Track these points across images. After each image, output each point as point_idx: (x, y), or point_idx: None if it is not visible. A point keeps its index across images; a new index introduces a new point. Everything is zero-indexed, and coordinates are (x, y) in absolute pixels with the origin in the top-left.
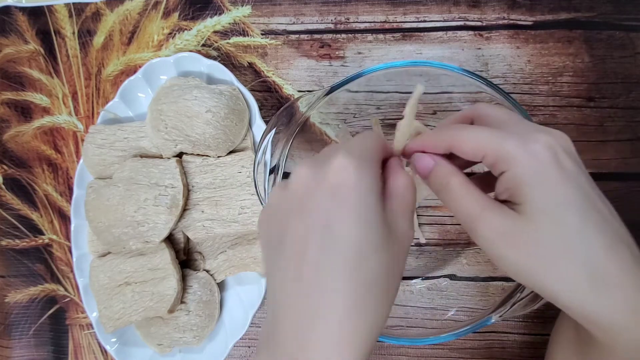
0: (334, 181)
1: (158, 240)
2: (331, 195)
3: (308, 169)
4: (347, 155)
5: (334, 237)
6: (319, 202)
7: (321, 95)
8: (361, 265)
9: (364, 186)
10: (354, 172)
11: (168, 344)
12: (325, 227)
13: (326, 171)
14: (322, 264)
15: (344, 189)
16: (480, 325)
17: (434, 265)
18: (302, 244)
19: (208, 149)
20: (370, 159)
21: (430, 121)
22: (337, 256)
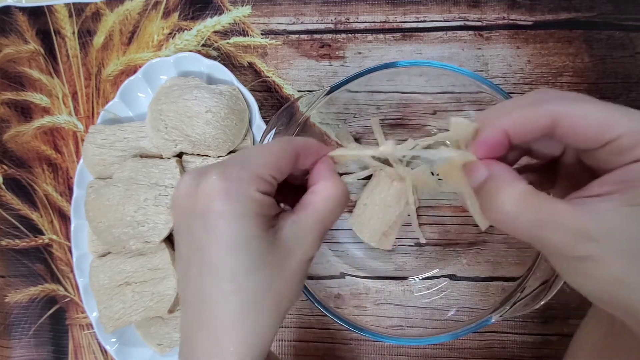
0: (202, 207)
1: (158, 240)
2: (201, 221)
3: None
4: (218, 178)
5: (208, 262)
6: (192, 226)
7: (321, 95)
8: (234, 289)
9: (233, 212)
10: (221, 199)
11: (168, 344)
12: (200, 252)
13: (198, 193)
14: (202, 285)
15: (212, 215)
16: (480, 325)
17: (434, 265)
18: (186, 261)
19: (208, 149)
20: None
21: (430, 121)
22: (211, 278)
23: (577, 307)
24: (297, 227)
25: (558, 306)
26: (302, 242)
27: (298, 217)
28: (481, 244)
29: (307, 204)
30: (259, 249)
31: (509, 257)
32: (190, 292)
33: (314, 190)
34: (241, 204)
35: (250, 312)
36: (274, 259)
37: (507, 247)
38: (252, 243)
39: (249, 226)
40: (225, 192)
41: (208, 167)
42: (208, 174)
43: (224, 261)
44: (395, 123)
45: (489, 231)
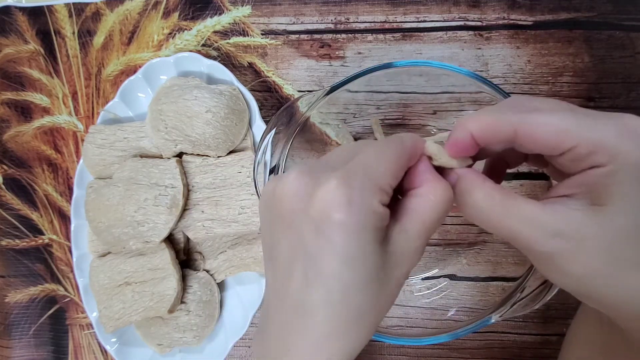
0: (318, 213)
1: (158, 240)
2: (315, 228)
3: (297, 180)
4: (341, 184)
5: (316, 270)
6: (302, 229)
7: (321, 95)
8: (344, 301)
9: (354, 224)
10: (342, 211)
11: (168, 344)
12: (309, 258)
13: (314, 196)
14: (306, 291)
15: (331, 224)
16: (480, 325)
17: (434, 265)
18: (288, 264)
19: (208, 149)
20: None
21: (430, 121)
22: (320, 288)
23: (577, 307)
24: (404, 237)
25: (558, 306)
26: (409, 254)
27: (404, 226)
28: (481, 244)
29: (413, 211)
30: (374, 264)
31: (509, 257)
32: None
33: (418, 194)
34: (363, 216)
35: (354, 325)
36: (384, 274)
37: (507, 247)
38: (369, 258)
39: (368, 241)
40: (348, 202)
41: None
42: (329, 179)
43: (338, 274)
44: (395, 123)
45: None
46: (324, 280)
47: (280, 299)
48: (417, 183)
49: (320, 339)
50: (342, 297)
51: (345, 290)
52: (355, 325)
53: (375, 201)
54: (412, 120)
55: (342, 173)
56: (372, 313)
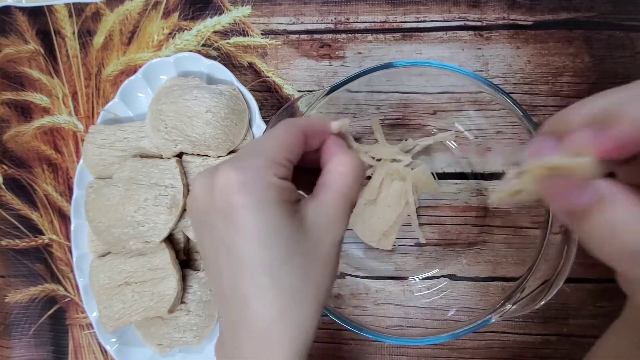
0: (221, 202)
1: (158, 240)
2: (223, 217)
3: (199, 182)
4: (234, 168)
5: (238, 258)
6: (214, 223)
7: (321, 95)
8: (271, 282)
9: (255, 202)
10: (239, 191)
11: (168, 344)
12: (228, 248)
13: (213, 188)
14: (236, 282)
15: (234, 209)
16: (480, 325)
17: (434, 265)
18: (215, 262)
19: (208, 149)
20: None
21: (430, 121)
22: (245, 275)
23: (577, 307)
24: (320, 210)
25: (558, 306)
26: (329, 225)
27: (319, 200)
28: (481, 244)
29: (325, 185)
30: (289, 237)
31: (509, 257)
32: (226, 292)
33: (328, 170)
34: (261, 192)
35: (290, 304)
36: (305, 246)
37: (507, 247)
38: (281, 232)
39: (273, 214)
40: (243, 182)
41: (220, 163)
42: (222, 169)
43: (255, 254)
44: (395, 123)
45: (488, 231)
46: (245, 265)
47: (220, 297)
48: (328, 159)
49: (262, 327)
50: (268, 277)
51: (268, 270)
52: (292, 305)
53: (269, 175)
54: (412, 120)
55: (233, 160)
56: (307, 287)
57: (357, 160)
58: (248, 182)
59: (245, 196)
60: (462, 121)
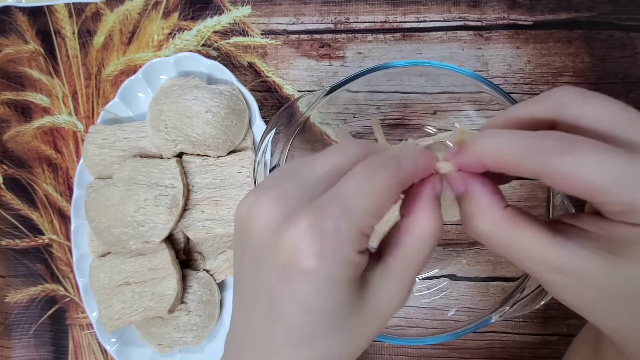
0: (285, 259)
1: (158, 240)
2: (282, 273)
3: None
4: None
5: (281, 317)
6: (268, 269)
7: (321, 95)
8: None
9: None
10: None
11: (168, 344)
12: (271, 301)
13: (283, 237)
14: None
15: (298, 273)
16: (480, 325)
17: (434, 265)
18: (250, 300)
19: (208, 149)
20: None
21: (430, 121)
22: (281, 330)
23: None
24: (387, 279)
25: (558, 306)
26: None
27: (388, 266)
28: (481, 244)
29: (397, 246)
30: (345, 313)
31: None
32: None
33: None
34: (335, 269)
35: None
36: (358, 319)
37: None
38: (338, 309)
39: (339, 293)
40: (319, 252)
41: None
42: (300, 217)
43: (302, 322)
44: (395, 123)
45: None
46: (286, 325)
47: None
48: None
49: None
50: (306, 345)
51: (307, 338)
52: None
53: (351, 251)
54: (412, 120)
55: (316, 210)
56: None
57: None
58: (325, 253)
59: (316, 268)
60: (462, 121)
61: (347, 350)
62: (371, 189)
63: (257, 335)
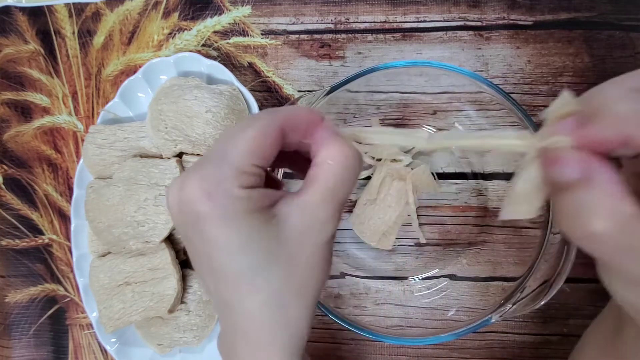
0: (189, 215)
1: (158, 240)
2: (193, 229)
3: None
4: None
5: (216, 269)
6: (189, 234)
7: (321, 95)
8: (252, 288)
9: (221, 215)
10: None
11: (168, 344)
12: (206, 258)
13: (181, 200)
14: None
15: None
16: (480, 325)
17: (434, 265)
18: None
19: (208, 149)
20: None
21: (430, 121)
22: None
23: (577, 307)
24: (305, 210)
25: (558, 306)
26: (314, 226)
27: (303, 198)
28: (481, 244)
29: (312, 180)
30: (264, 245)
31: (509, 257)
32: (214, 297)
33: (316, 163)
34: (227, 204)
35: (274, 309)
36: (284, 250)
37: (507, 247)
38: (253, 242)
39: (243, 226)
40: (207, 195)
41: (188, 169)
42: (188, 177)
43: (231, 265)
44: (395, 123)
45: (488, 231)
46: (223, 276)
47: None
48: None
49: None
50: (248, 285)
51: (247, 279)
52: (277, 309)
53: (234, 187)
54: (412, 120)
55: (198, 168)
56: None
57: (349, 151)
58: (212, 193)
59: (210, 208)
60: (462, 121)
61: (291, 283)
62: (242, 135)
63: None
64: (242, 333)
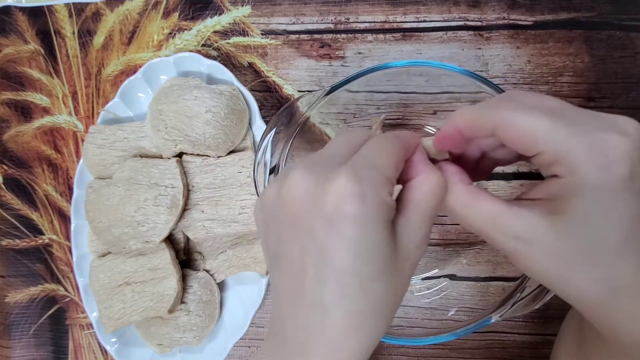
0: (331, 209)
1: (158, 240)
2: (327, 223)
3: (304, 179)
4: (351, 179)
5: (331, 266)
6: (313, 227)
7: (321, 95)
8: (360, 294)
9: (366, 217)
10: (356, 203)
11: (168, 344)
12: (322, 255)
13: (324, 193)
14: (321, 289)
15: (342, 219)
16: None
17: (434, 265)
18: (299, 265)
19: (208, 149)
20: (381, 178)
21: (430, 121)
22: (335, 284)
23: None
24: (409, 228)
25: (558, 306)
26: (415, 244)
27: (408, 218)
28: (481, 244)
29: (412, 202)
30: (387, 254)
31: None
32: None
33: (414, 186)
34: (376, 208)
35: (372, 317)
36: (395, 264)
37: None
38: (382, 249)
39: (380, 231)
40: (361, 195)
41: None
42: (339, 173)
43: (352, 266)
44: (395, 123)
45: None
46: (338, 274)
47: (294, 298)
48: (413, 174)
49: (339, 335)
50: (359, 289)
51: (361, 283)
52: (373, 318)
53: (384, 193)
54: (412, 120)
55: (351, 167)
56: (388, 304)
57: (441, 177)
58: (366, 195)
59: (359, 209)
60: None
61: (394, 294)
62: (387, 149)
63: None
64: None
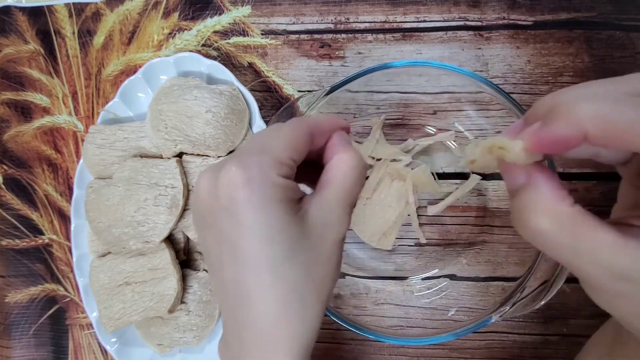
0: (225, 200)
1: (158, 240)
2: (226, 214)
3: (205, 177)
4: (238, 165)
5: (242, 255)
6: (218, 221)
7: (321, 95)
8: (274, 278)
9: (259, 200)
10: (244, 188)
11: (168, 344)
12: (232, 246)
13: (218, 185)
14: (240, 280)
15: (238, 206)
16: (480, 325)
17: (434, 265)
18: (218, 259)
19: (208, 149)
20: (270, 160)
21: (430, 121)
22: (248, 272)
23: (577, 307)
24: (323, 207)
25: (558, 306)
26: (332, 223)
27: (321, 197)
28: (481, 244)
29: (327, 182)
30: (292, 235)
31: (509, 257)
32: (229, 290)
33: (331, 166)
34: (265, 190)
35: (294, 302)
36: (308, 244)
37: (507, 247)
38: (285, 229)
39: (277, 213)
40: (247, 180)
41: (224, 160)
42: (226, 166)
43: (258, 251)
44: (395, 123)
45: (488, 231)
46: (249, 262)
47: (223, 296)
48: (331, 156)
49: (269, 324)
50: (271, 274)
51: (272, 267)
52: (296, 302)
53: (273, 174)
54: (412, 120)
55: (237, 157)
56: (310, 285)
57: (359, 157)
58: (252, 178)
59: (248, 193)
60: (462, 121)
61: (313, 274)
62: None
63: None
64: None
